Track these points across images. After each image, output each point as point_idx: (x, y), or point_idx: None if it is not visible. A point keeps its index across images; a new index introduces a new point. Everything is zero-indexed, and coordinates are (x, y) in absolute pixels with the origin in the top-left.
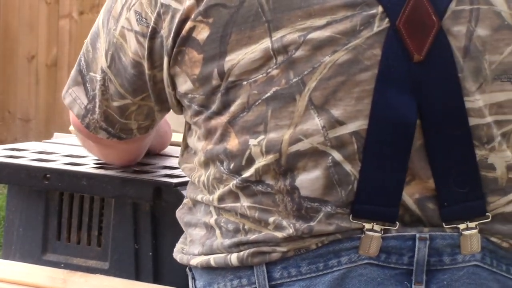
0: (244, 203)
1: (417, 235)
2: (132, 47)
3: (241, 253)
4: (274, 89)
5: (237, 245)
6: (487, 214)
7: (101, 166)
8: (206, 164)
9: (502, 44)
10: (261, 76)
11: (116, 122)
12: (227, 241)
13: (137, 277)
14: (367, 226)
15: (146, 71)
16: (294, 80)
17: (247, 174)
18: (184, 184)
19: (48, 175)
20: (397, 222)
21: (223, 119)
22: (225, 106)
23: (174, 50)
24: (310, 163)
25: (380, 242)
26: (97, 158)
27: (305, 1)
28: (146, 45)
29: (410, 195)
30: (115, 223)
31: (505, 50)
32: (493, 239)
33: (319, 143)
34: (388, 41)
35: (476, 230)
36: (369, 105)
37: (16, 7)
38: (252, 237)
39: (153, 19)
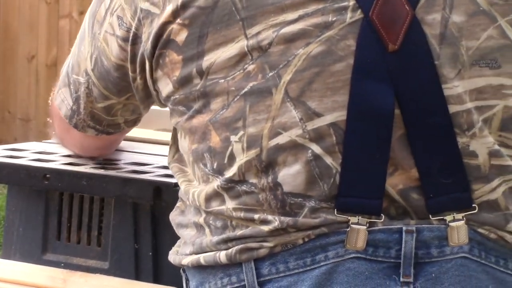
0: (229, 205)
1: (404, 228)
2: (114, 51)
3: (229, 250)
4: (251, 84)
5: (225, 242)
6: (473, 205)
7: (101, 166)
8: (193, 165)
9: (478, 30)
10: (238, 72)
11: (103, 120)
12: (216, 238)
13: (137, 277)
14: (352, 219)
15: (130, 73)
16: (270, 74)
17: (230, 173)
18: None
19: (48, 175)
20: (382, 215)
21: (204, 117)
22: (205, 104)
23: (155, 53)
24: (290, 157)
25: (367, 235)
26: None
27: None
28: (128, 49)
29: (393, 186)
30: (115, 223)
31: (482, 36)
32: (480, 230)
33: (298, 135)
34: (362, 33)
35: (463, 222)
36: (346, 95)
37: (16, 7)
38: (239, 232)
39: (133, 24)
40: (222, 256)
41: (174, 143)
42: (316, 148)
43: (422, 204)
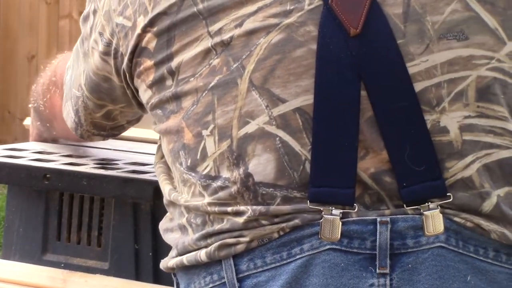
0: (206, 200)
1: (378, 219)
2: (99, 66)
3: (209, 248)
4: (217, 78)
5: (205, 237)
6: (448, 194)
7: (101, 166)
8: (172, 167)
9: (442, 4)
10: (204, 68)
11: (106, 125)
12: (196, 235)
13: (137, 277)
14: (325, 210)
15: (118, 83)
16: (234, 65)
17: (205, 169)
18: None
19: (48, 175)
20: (355, 205)
21: (177, 116)
22: (177, 104)
23: (133, 62)
24: (259, 145)
25: (340, 226)
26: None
27: None
28: (111, 63)
29: (364, 170)
30: (115, 223)
31: (446, 10)
32: (456, 219)
33: (265, 123)
34: (323, 20)
35: (438, 210)
36: (308, 80)
37: (16, 7)
38: (217, 226)
39: (112, 39)
40: (202, 255)
41: (160, 148)
42: (283, 135)
43: (395, 187)
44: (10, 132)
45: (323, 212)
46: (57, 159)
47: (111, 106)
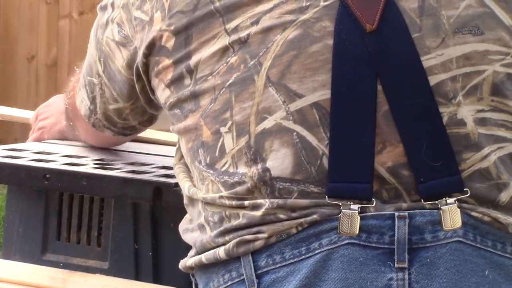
0: (223, 193)
1: (396, 214)
2: (117, 56)
3: (227, 245)
4: (234, 75)
5: (223, 234)
6: (465, 189)
7: (101, 166)
8: (191, 166)
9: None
10: (222, 66)
11: (117, 123)
12: (214, 232)
13: (137, 277)
14: (344, 205)
15: (129, 77)
16: (251, 62)
17: (223, 166)
18: None
19: (48, 175)
20: (373, 200)
21: (196, 114)
22: (196, 103)
23: (150, 61)
24: (276, 141)
25: (359, 221)
26: (98, 157)
27: None
28: (124, 55)
29: (382, 164)
30: (115, 223)
31: (461, 5)
32: (474, 214)
33: (282, 118)
34: (339, 16)
35: (455, 205)
36: (325, 75)
37: (16, 7)
38: (235, 222)
39: (130, 32)
40: (221, 252)
41: (178, 149)
42: (300, 130)
43: (412, 181)
44: (10, 132)
45: (341, 207)
46: (57, 159)
47: (122, 104)
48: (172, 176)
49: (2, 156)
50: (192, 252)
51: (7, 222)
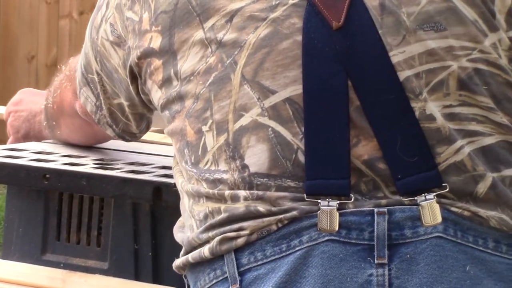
0: (206, 186)
1: (375, 210)
2: (112, 55)
3: (211, 243)
4: (213, 74)
5: (207, 230)
6: (444, 184)
7: (101, 166)
8: (180, 166)
9: None
10: (201, 66)
11: (120, 121)
12: (200, 229)
13: (137, 277)
14: (322, 201)
15: (124, 77)
16: (227, 61)
17: (206, 165)
18: None
19: (47, 175)
20: (351, 195)
21: (181, 115)
22: (181, 103)
23: (142, 63)
24: (253, 137)
25: (338, 217)
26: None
27: None
28: (120, 54)
29: (357, 157)
30: (114, 223)
31: (422, 1)
32: (453, 209)
33: (258, 114)
34: (307, 15)
35: (434, 200)
36: (295, 71)
37: (16, 7)
38: (217, 217)
39: (122, 32)
40: (205, 251)
41: None
42: (275, 125)
43: (389, 173)
44: None
45: (320, 204)
46: (56, 159)
47: (122, 100)
48: (172, 176)
49: (2, 156)
50: (182, 251)
51: (6, 222)
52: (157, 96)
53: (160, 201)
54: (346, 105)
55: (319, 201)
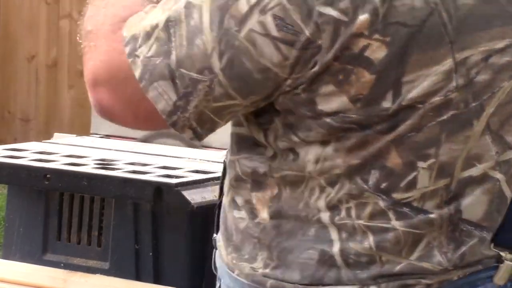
0: (393, 223)
1: None
2: (266, 53)
3: (383, 285)
4: (451, 112)
5: (375, 278)
6: None
7: (102, 166)
8: (337, 178)
9: None
10: (438, 98)
11: (208, 122)
12: (363, 273)
13: (137, 277)
14: (505, 255)
15: (280, 75)
16: (473, 104)
17: (406, 199)
18: (185, 184)
19: (48, 175)
20: None
21: (386, 138)
22: (392, 126)
23: (335, 66)
24: (479, 188)
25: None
26: (99, 158)
27: (487, 23)
28: (292, 54)
29: None
30: (115, 223)
31: None
32: None
33: (490, 168)
34: None
35: None
36: None
37: (16, 7)
38: (397, 268)
39: (305, 28)
40: None
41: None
42: (501, 178)
43: None
44: (10, 132)
45: (503, 257)
46: (57, 159)
47: (238, 101)
48: (173, 176)
49: (2, 156)
50: (295, 274)
51: (7, 222)
52: (335, 105)
53: (161, 201)
54: None
55: (503, 254)
